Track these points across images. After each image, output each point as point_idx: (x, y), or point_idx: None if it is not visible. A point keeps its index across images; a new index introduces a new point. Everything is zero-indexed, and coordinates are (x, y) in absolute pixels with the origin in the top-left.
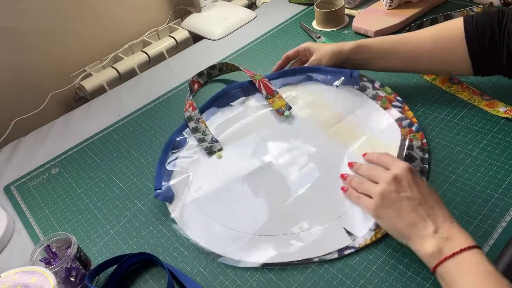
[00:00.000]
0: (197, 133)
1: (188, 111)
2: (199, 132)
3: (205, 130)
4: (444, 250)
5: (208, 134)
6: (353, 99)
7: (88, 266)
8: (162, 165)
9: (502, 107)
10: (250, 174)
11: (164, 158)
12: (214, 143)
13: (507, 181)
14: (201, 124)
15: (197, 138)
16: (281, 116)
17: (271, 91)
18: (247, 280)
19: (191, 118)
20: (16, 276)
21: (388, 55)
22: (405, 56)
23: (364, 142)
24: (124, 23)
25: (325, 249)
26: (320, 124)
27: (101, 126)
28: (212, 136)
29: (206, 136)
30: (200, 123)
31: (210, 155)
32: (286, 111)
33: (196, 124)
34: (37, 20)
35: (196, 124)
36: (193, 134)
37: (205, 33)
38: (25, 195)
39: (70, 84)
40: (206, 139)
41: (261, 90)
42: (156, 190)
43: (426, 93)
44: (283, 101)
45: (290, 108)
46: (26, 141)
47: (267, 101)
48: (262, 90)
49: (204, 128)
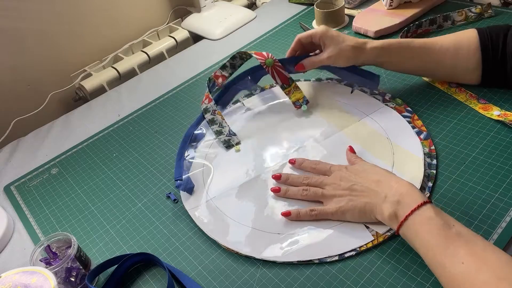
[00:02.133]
0: (214, 125)
1: (205, 103)
2: (216, 124)
3: (222, 121)
4: (398, 213)
5: (225, 126)
6: (369, 102)
7: (88, 266)
8: (181, 158)
9: (496, 111)
10: (265, 171)
11: (182, 151)
12: (232, 136)
13: (507, 181)
14: (217, 116)
15: (214, 130)
16: (297, 110)
17: (286, 79)
18: (247, 280)
19: (207, 110)
20: (16, 276)
21: (413, 60)
22: (428, 60)
23: (382, 145)
24: (124, 23)
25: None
26: (335, 123)
27: (101, 126)
28: (229, 128)
29: (223, 129)
30: (217, 115)
31: (228, 149)
32: (303, 105)
33: (212, 115)
34: (37, 20)
35: (212, 115)
36: (210, 126)
37: (205, 33)
38: (25, 195)
39: (70, 84)
40: (224, 132)
41: (275, 79)
42: (177, 181)
43: (426, 93)
44: (301, 93)
45: (308, 102)
46: (26, 141)
47: (284, 91)
48: (276, 78)
49: (220, 119)
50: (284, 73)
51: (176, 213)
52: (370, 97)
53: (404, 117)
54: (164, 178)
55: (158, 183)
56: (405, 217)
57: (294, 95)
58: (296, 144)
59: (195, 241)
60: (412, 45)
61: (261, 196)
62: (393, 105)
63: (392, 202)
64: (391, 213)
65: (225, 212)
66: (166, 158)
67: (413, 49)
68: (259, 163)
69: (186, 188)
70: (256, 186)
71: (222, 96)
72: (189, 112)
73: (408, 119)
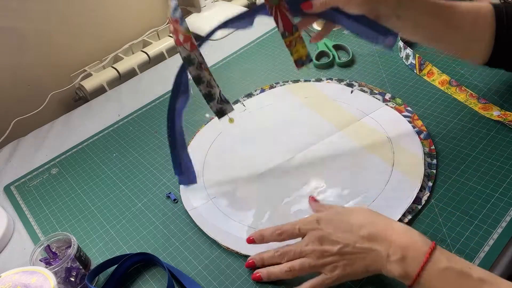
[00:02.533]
0: (200, 84)
1: (185, 47)
2: (203, 83)
3: (210, 79)
4: (408, 271)
5: (214, 87)
6: (369, 102)
7: (88, 266)
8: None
9: (496, 111)
10: (266, 171)
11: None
12: (225, 104)
13: (507, 181)
14: (204, 72)
15: (203, 93)
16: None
17: (290, 26)
18: (247, 280)
19: (191, 60)
20: (16, 276)
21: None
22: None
23: (382, 144)
24: (124, 23)
25: None
26: (335, 123)
27: (101, 126)
28: (220, 91)
29: (212, 90)
30: (204, 71)
31: (220, 118)
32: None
33: (198, 71)
34: (37, 20)
35: (198, 71)
36: (197, 85)
37: (205, 33)
38: (25, 195)
39: (70, 84)
40: (214, 95)
41: (277, 23)
42: (178, 176)
43: (426, 93)
44: (305, 48)
45: (311, 60)
46: (26, 141)
47: (285, 40)
48: (279, 22)
49: (208, 77)
50: (289, 17)
51: (176, 213)
52: (370, 97)
53: (404, 117)
54: (164, 178)
55: (158, 183)
56: (417, 274)
57: (297, 49)
58: (295, 144)
59: (195, 241)
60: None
61: (261, 196)
62: (393, 105)
63: (397, 261)
64: (401, 273)
65: (225, 212)
66: (166, 158)
67: (438, 5)
68: (259, 163)
69: (189, 181)
70: (256, 186)
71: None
72: (189, 112)
73: (408, 119)
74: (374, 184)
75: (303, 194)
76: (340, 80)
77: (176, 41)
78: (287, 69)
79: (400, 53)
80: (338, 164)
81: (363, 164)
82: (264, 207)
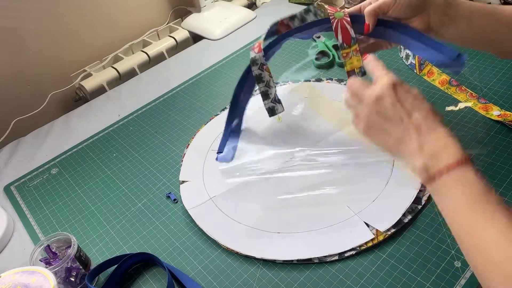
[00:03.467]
0: (260, 83)
1: (254, 51)
2: (262, 83)
3: (269, 80)
4: (430, 169)
5: (272, 87)
6: None
7: (88, 266)
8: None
9: (496, 111)
10: (266, 171)
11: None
12: (277, 104)
13: (507, 181)
14: (265, 72)
15: (261, 91)
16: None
17: (349, 38)
18: (247, 280)
19: (255, 61)
20: (16, 276)
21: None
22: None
23: None
24: (124, 23)
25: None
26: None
27: (101, 126)
28: (276, 91)
29: (270, 89)
30: (265, 71)
31: (271, 116)
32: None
33: (260, 71)
34: (37, 20)
35: (260, 71)
36: (257, 83)
37: (205, 33)
38: (25, 195)
39: (70, 84)
40: (270, 95)
41: (337, 35)
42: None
43: (426, 93)
44: (359, 61)
45: (364, 74)
46: (26, 141)
47: (342, 52)
48: (338, 34)
49: (268, 77)
50: (349, 31)
51: (176, 213)
52: None
53: None
54: (164, 178)
55: (158, 183)
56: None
57: (351, 61)
58: (295, 144)
59: (195, 241)
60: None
61: (261, 196)
62: None
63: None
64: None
65: (225, 212)
66: (166, 158)
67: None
68: (258, 163)
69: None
70: (256, 186)
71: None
72: (189, 112)
73: None
74: (374, 184)
75: (303, 193)
76: (340, 80)
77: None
78: (287, 69)
79: (400, 53)
80: (338, 164)
81: (363, 163)
82: (264, 206)
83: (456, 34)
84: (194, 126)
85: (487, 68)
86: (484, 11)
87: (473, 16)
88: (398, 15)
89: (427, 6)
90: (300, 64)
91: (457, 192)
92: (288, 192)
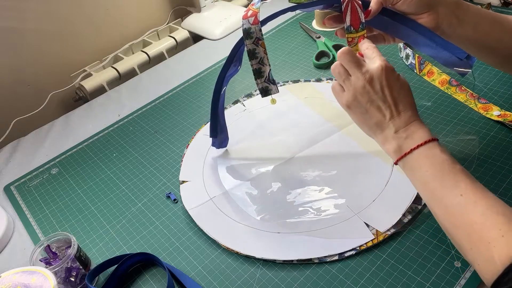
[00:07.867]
0: (253, 59)
1: (248, 21)
2: (256, 59)
3: (264, 57)
4: (403, 147)
5: (266, 65)
6: None
7: (88, 266)
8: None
9: (496, 111)
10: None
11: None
12: (271, 84)
13: (507, 181)
14: (260, 48)
15: (254, 68)
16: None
17: (357, 22)
18: (247, 280)
19: (249, 34)
20: (16, 276)
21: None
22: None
23: None
24: (124, 23)
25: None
26: (335, 123)
27: (101, 126)
28: (270, 71)
29: (263, 67)
30: (260, 46)
31: (264, 96)
32: None
33: (254, 45)
34: (37, 20)
35: (254, 45)
36: (250, 59)
37: (205, 33)
38: (25, 195)
39: (70, 84)
40: (264, 73)
41: (345, 16)
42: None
43: (426, 93)
44: None
45: None
46: (26, 141)
47: (346, 35)
48: (347, 16)
49: (263, 54)
50: (359, 14)
51: (176, 213)
52: None
53: None
54: (164, 178)
55: (158, 183)
56: (410, 150)
57: (355, 49)
58: (295, 144)
59: (195, 241)
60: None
61: (261, 195)
62: None
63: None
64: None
65: (225, 212)
66: (166, 158)
67: (493, 12)
68: (259, 163)
69: (221, 144)
70: (256, 186)
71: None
72: (189, 112)
73: None
74: (374, 184)
75: (303, 193)
76: None
77: (243, 16)
78: (287, 69)
79: (400, 53)
80: (338, 164)
81: (363, 164)
82: (264, 207)
83: (462, 36)
84: (194, 126)
85: (487, 68)
86: (490, 17)
87: (480, 21)
88: (406, 9)
89: (437, 4)
90: (300, 64)
91: (426, 164)
92: (288, 192)
